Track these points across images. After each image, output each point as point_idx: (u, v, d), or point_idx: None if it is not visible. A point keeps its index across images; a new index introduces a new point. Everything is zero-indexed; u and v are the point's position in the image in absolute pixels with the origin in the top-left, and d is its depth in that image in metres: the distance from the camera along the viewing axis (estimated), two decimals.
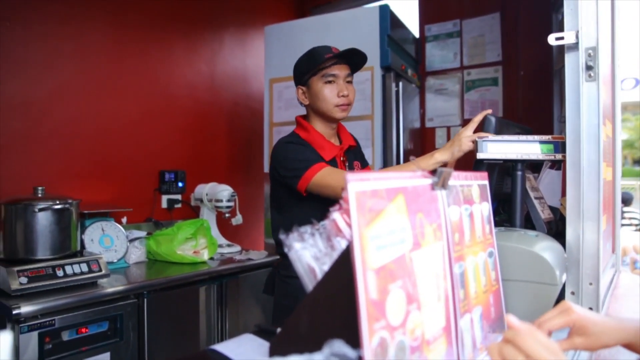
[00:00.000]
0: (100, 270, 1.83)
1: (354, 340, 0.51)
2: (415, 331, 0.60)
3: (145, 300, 1.93)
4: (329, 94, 1.54)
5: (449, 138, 2.94)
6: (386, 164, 2.41)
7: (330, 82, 1.54)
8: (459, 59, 2.95)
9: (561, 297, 1.12)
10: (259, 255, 2.41)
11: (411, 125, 2.82)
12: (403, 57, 2.71)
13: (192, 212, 2.78)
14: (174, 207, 2.73)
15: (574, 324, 0.77)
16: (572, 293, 1.10)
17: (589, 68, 1.07)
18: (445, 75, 2.99)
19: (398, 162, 2.46)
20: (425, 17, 3.10)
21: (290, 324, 0.71)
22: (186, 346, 2.10)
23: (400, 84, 2.52)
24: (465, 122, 2.94)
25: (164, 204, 2.71)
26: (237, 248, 2.56)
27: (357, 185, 0.52)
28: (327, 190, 1.37)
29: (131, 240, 2.24)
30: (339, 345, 0.49)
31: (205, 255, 2.29)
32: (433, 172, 0.68)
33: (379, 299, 0.53)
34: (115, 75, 2.49)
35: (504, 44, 2.82)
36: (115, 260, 2.14)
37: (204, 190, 2.59)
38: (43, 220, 1.78)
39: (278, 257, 1.69)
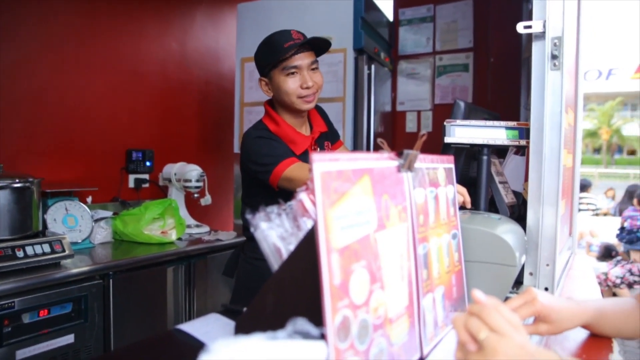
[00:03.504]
0: (63, 250, 1.79)
1: (318, 319, 0.52)
2: (379, 310, 0.61)
3: (111, 281, 1.90)
4: (292, 86, 1.45)
5: (419, 122, 2.97)
6: (356, 146, 2.42)
7: (292, 73, 1.45)
8: (431, 44, 2.96)
9: (520, 277, 1.16)
10: (227, 236, 2.40)
11: (382, 108, 2.83)
12: (376, 40, 2.70)
13: (160, 192, 2.74)
14: (142, 186, 2.68)
15: (539, 313, 0.80)
16: (531, 274, 1.14)
17: (554, 57, 1.09)
18: (417, 59, 3.01)
19: (368, 145, 2.47)
20: (400, 0, 3.09)
21: (255, 303, 0.71)
22: (153, 327, 2.08)
23: (373, 67, 2.52)
24: (435, 107, 2.98)
25: (131, 184, 2.65)
26: (206, 228, 2.54)
27: (323, 165, 0.53)
28: (298, 184, 1.35)
29: (96, 220, 2.19)
30: (301, 323, 0.50)
31: (173, 236, 2.27)
32: (399, 154, 0.69)
33: (342, 278, 0.54)
34: (81, 49, 2.41)
35: (476, 30, 2.85)
36: (79, 241, 2.09)
37: (172, 169, 2.55)
38: (1, 199, 1.72)
39: (244, 238, 1.68)
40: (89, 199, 2.32)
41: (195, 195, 2.53)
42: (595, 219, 5.96)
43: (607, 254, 4.84)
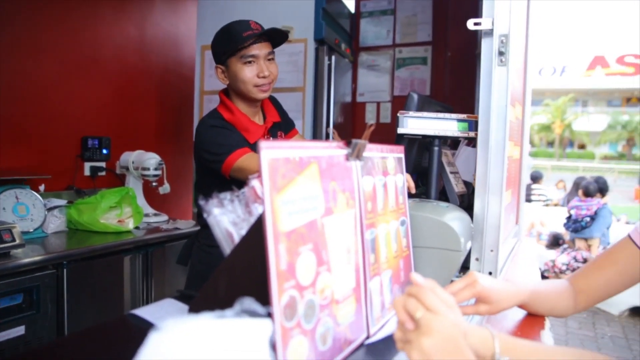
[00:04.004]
0: (13, 240, 1.74)
1: (267, 299, 0.55)
2: (325, 291, 0.64)
3: (65, 270, 1.86)
4: (248, 74, 1.48)
5: (378, 113, 3.02)
6: (316, 136, 2.45)
7: (249, 62, 1.48)
8: (391, 36, 3.01)
9: (467, 262, 1.23)
10: (186, 225, 2.39)
11: (342, 99, 2.87)
12: (337, 31, 2.73)
13: (117, 180, 2.68)
14: (98, 175, 2.62)
15: (479, 295, 0.86)
16: (477, 259, 1.20)
17: (501, 54, 1.15)
18: (377, 51, 3.06)
19: (327, 135, 2.50)
20: None
21: (208, 286, 0.73)
22: (109, 317, 2.06)
23: (333, 57, 2.55)
24: (394, 99, 3.04)
25: (87, 172, 2.59)
26: (164, 217, 2.52)
27: (270, 152, 0.55)
28: (249, 174, 1.36)
29: (49, 209, 2.14)
30: (249, 303, 0.52)
31: (130, 224, 2.24)
32: (348, 143, 0.72)
33: (289, 260, 0.57)
34: (33, 32, 2.32)
35: (435, 25, 2.91)
36: (31, 230, 2.04)
37: (130, 158, 2.51)
38: None
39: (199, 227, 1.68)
40: (42, 187, 2.25)
41: (154, 184, 2.50)
42: (545, 210, 6.23)
43: (555, 242, 5.08)
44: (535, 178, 6.75)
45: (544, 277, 5.00)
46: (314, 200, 0.62)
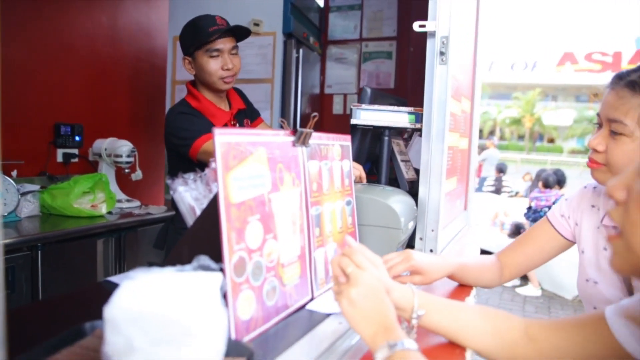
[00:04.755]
0: None
1: (222, 259, 0.66)
2: (272, 255, 0.77)
3: (40, 252, 1.93)
4: (214, 67, 1.59)
5: (345, 104, 3.15)
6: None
7: (214, 56, 1.59)
8: (358, 30, 3.13)
9: (412, 241, 1.37)
10: (158, 210, 2.48)
11: (311, 90, 2.98)
12: (306, 25, 2.83)
13: (89, 167, 2.74)
14: (70, 161, 2.67)
15: (413, 267, 0.99)
16: (420, 239, 1.34)
17: (442, 54, 1.28)
18: (345, 45, 3.17)
19: (295, 125, 2.62)
20: None
21: (174, 253, 0.85)
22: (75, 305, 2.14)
23: (301, 50, 2.66)
24: (360, 91, 3.16)
25: (60, 158, 2.64)
26: (137, 203, 2.60)
27: (223, 137, 0.67)
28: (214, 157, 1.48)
29: (23, 194, 2.20)
30: (204, 260, 0.64)
31: (103, 209, 2.31)
32: (295, 131, 0.84)
33: (239, 227, 0.69)
34: (6, 20, 2.35)
35: (399, 21, 3.04)
36: (5, 214, 2.10)
37: (102, 145, 2.57)
38: None
39: (174, 212, 1.78)
40: (14, 173, 2.30)
41: (126, 170, 2.57)
42: (510, 200, 6.48)
43: (516, 231, 5.32)
44: (501, 170, 7.01)
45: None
46: (261, 178, 0.74)
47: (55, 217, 2.24)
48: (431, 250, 1.31)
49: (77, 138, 2.69)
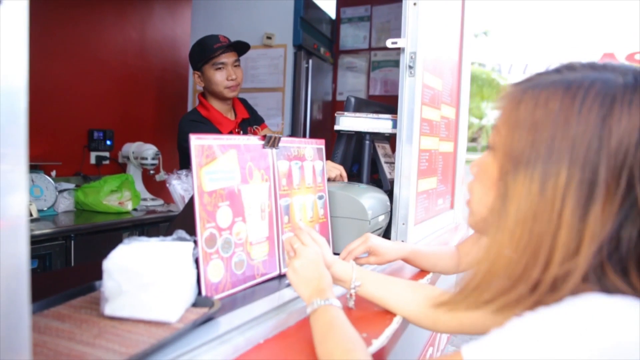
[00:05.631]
0: (30, 215, 2.08)
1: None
2: (240, 234, 0.97)
3: (73, 242, 2.20)
4: (219, 78, 1.85)
5: None
6: (294, 131, 2.77)
7: (219, 68, 1.85)
8: (368, 40, 3.32)
9: (388, 234, 1.54)
10: (179, 208, 2.72)
11: (324, 97, 3.18)
12: (316, 36, 3.04)
13: (119, 168, 3.02)
14: (102, 163, 2.96)
15: (370, 248, 1.17)
16: (395, 232, 1.52)
17: (410, 67, 1.46)
18: (356, 54, 3.37)
19: (304, 131, 2.82)
20: (342, 0, 3.43)
21: (169, 230, 1.06)
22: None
23: (311, 61, 2.86)
24: (369, 98, 3.35)
25: (93, 160, 2.93)
26: (160, 202, 2.85)
27: (197, 141, 0.87)
28: None
29: (60, 191, 2.48)
30: (181, 232, 0.84)
31: (129, 206, 2.57)
32: (264, 137, 1.04)
33: (211, 210, 0.89)
34: (45, 38, 2.66)
35: None
36: (44, 209, 2.38)
37: (130, 148, 2.84)
38: None
39: None
40: (53, 173, 2.59)
41: (151, 172, 2.83)
42: None
43: None
44: None
45: None
46: (231, 173, 0.95)
47: (87, 213, 2.51)
48: (402, 241, 1.48)
49: (108, 142, 2.97)
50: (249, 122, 2.03)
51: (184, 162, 1.89)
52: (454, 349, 0.91)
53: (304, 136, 2.86)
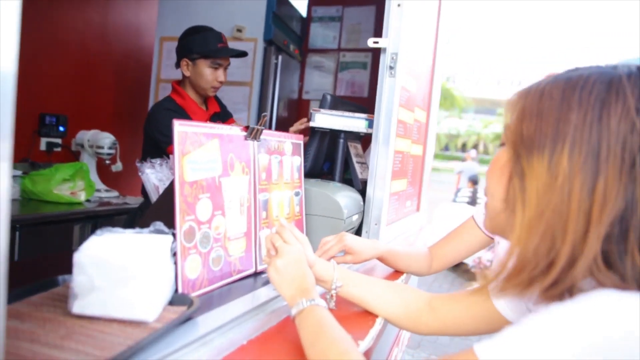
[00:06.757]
0: None
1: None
2: (219, 228, 0.92)
3: (18, 233, 2.05)
4: (211, 77, 1.83)
5: None
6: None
7: (215, 68, 1.83)
8: (337, 41, 3.31)
9: (360, 233, 1.52)
10: (135, 201, 2.60)
11: (289, 95, 3.14)
12: (287, 33, 3.00)
13: (72, 156, 2.85)
14: (53, 150, 2.78)
15: (346, 247, 1.14)
16: (366, 232, 1.50)
17: (391, 68, 1.45)
18: (324, 54, 3.34)
19: (270, 128, 2.77)
20: None
21: (142, 222, 0.99)
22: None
23: (281, 57, 2.82)
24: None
25: (43, 147, 2.75)
26: (115, 193, 2.72)
27: (181, 127, 0.82)
28: None
29: None
30: (159, 224, 0.78)
31: (82, 197, 2.43)
32: (247, 127, 0.99)
33: (191, 202, 0.84)
34: None
35: (376, 34, 3.20)
36: None
37: (85, 136, 2.69)
38: None
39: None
40: None
41: (107, 162, 2.69)
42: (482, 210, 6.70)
43: None
44: (474, 181, 7.25)
45: (471, 272, 5.46)
46: (213, 163, 0.89)
47: (35, 202, 2.35)
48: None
49: (61, 128, 2.80)
50: (219, 116, 1.98)
51: (148, 150, 1.81)
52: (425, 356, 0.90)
53: None
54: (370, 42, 1.47)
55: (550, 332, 0.50)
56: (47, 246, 2.20)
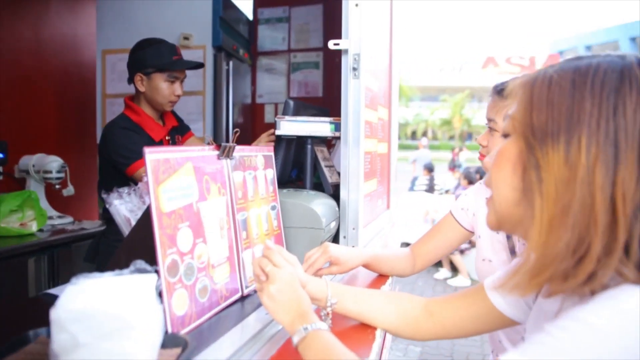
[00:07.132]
0: None
1: (156, 262, 0.75)
2: (202, 257, 0.86)
3: None
4: (168, 91, 1.76)
5: (276, 114, 3.26)
6: (216, 136, 2.63)
7: (171, 82, 1.76)
8: (287, 42, 3.26)
9: (337, 240, 1.49)
10: (92, 225, 2.47)
11: (243, 100, 3.07)
12: (235, 37, 2.92)
13: (16, 184, 2.67)
14: None
15: (331, 259, 1.11)
16: (344, 237, 1.48)
17: (354, 69, 1.42)
18: (274, 56, 3.29)
19: (227, 135, 2.69)
20: (259, 0, 3.33)
21: (113, 260, 0.92)
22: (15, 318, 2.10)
23: (231, 63, 2.74)
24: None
25: None
26: (69, 219, 2.57)
27: (153, 155, 0.76)
28: None
29: None
30: (140, 263, 0.72)
31: (33, 227, 2.27)
32: (219, 146, 0.94)
33: (170, 233, 0.78)
34: None
35: (325, 32, 3.20)
36: None
37: (30, 161, 2.52)
38: None
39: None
40: None
41: (57, 186, 2.53)
42: (440, 198, 6.85)
43: None
44: (430, 169, 7.40)
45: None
46: (189, 189, 0.84)
47: None
48: (353, 246, 1.44)
49: (0, 155, 2.61)
50: (177, 129, 1.90)
51: (107, 174, 1.71)
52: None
53: (227, 141, 2.73)
54: (331, 44, 1.44)
55: (586, 339, 0.50)
56: (0, 286, 2.04)
